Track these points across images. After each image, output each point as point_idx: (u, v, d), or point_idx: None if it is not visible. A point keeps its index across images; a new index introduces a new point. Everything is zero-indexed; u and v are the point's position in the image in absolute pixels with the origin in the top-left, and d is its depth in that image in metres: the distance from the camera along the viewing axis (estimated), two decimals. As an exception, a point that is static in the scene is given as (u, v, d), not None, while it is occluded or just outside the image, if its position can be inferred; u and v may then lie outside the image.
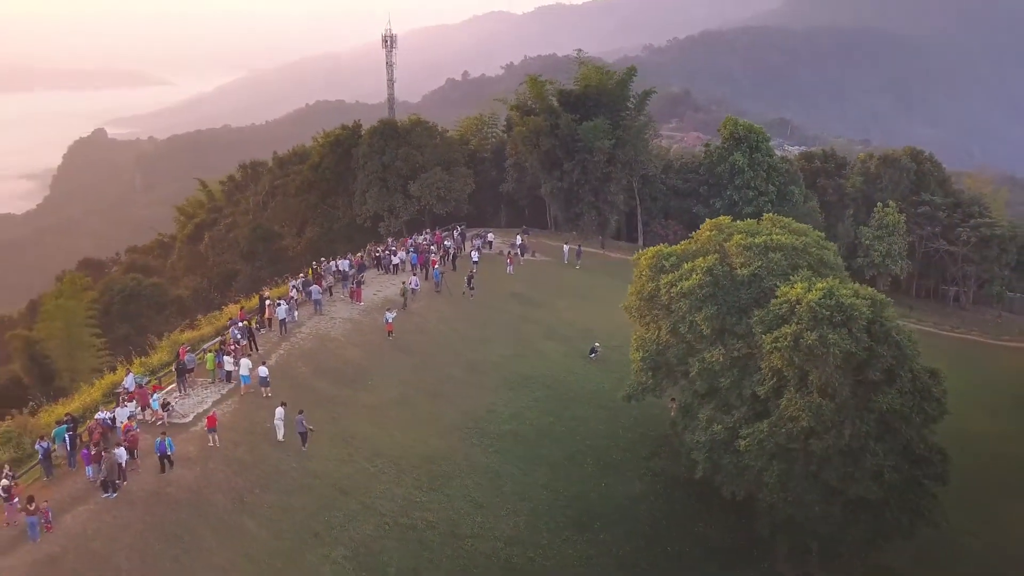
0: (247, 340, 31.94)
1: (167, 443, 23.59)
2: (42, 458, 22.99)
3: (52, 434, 23.89)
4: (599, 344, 40.32)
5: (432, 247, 48.70)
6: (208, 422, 25.61)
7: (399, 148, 60.73)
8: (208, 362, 29.73)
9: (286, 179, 72.49)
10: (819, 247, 28.94)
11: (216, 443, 25.46)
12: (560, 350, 40.68)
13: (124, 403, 26.01)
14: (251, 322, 33.67)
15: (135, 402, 26.36)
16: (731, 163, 60.71)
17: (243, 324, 32.64)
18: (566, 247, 54.77)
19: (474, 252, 48.92)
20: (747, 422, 25.70)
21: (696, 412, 27.93)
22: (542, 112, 61.79)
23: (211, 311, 43.46)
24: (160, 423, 25.96)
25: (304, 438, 26.94)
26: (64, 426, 23.97)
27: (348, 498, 25.83)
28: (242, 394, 28.89)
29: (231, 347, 30.27)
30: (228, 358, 29.63)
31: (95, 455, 22.72)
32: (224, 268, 72.92)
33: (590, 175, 60.64)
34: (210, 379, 29.68)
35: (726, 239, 29.05)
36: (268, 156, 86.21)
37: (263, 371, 29.05)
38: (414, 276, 42.95)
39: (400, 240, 52.23)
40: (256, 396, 28.85)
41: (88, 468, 22.90)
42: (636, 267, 30.66)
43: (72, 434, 23.84)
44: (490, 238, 54.98)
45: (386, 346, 36.10)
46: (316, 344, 34.51)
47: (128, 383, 27.65)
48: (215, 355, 29.76)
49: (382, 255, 46.81)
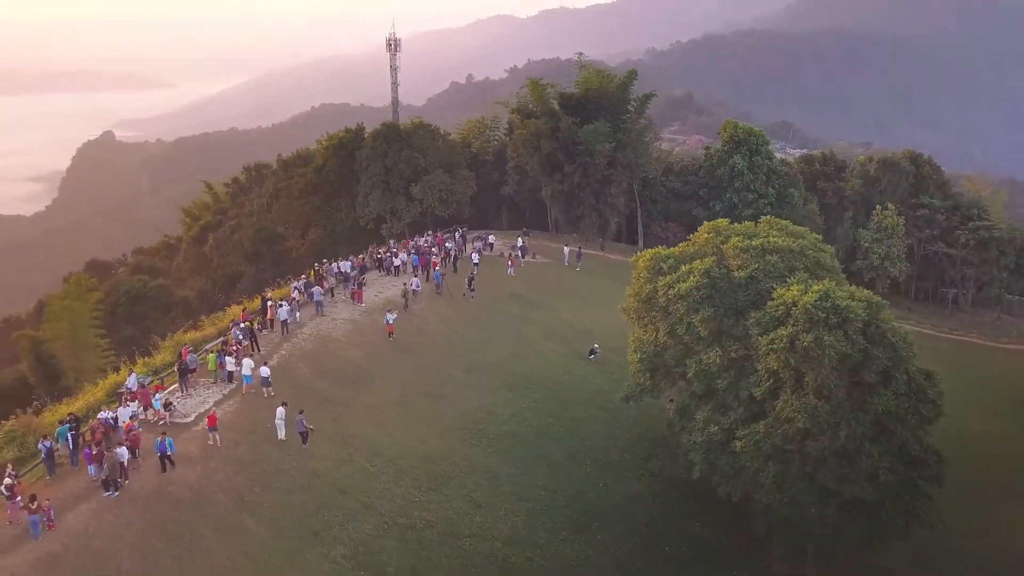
0: (249, 341, 32.18)
1: (167, 443, 23.74)
2: (45, 457, 23.11)
3: (55, 433, 24.03)
4: (598, 345, 40.49)
5: (433, 249, 48.93)
6: (208, 421, 25.80)
7: (401, 151, 60.99)
8: (210, 362, 29.93)
9: (290, 181, 72.77)
10: (816, 249, 28.99)
11: (217, 442, 25.63)
12: (560, 351, 40.83)
13: (126, 403, 26.17)
14: (253, 323, 33.90)
15: (137, 402, 26.48)
16: (731, 166, 60.89)
17: (245, 325, 32.90)
18: (566, 249, 54.96)
19: (475, 254, 49.17)
20: (743, 423, 25.74)
21: (693, 413, 27.98)
22: (543, 115, 62.05)
23: (215, 312, 43.70)
24: (162, 423, 26.16)
25: (304, 437, 27.12)
26: (67, 425, 24.09)
27: (348, 497, 25.90)
28: (244, 394, 29.14)
29: (233, 348, 30.52)
30: (230, 358, 29.85)
31: (97, 454, 22.83)
32: (228, 270, 73.07)
33: (591, 178, 60.83)
34: (212, 379, 29.84)
35: (724, 241, 29.14)
36: (274, 158, 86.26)
37: (265, 371, 29.28)
38: (415, 278, 43.11)
39: (402, 242, 52.45)
40: (257, 396, 29.05)
41: (90, 467, 22.99)
42: (634, 269, 30.76)
43: (75, 433, 23.95)
44: (491, 240, 55.20)
45: (387, 347, 36.25)
46: (317, 345, 34.67)
47: (131, 383, 27.80)
48: (217, 356, 29.95)
49: (383, 257, 47.05)
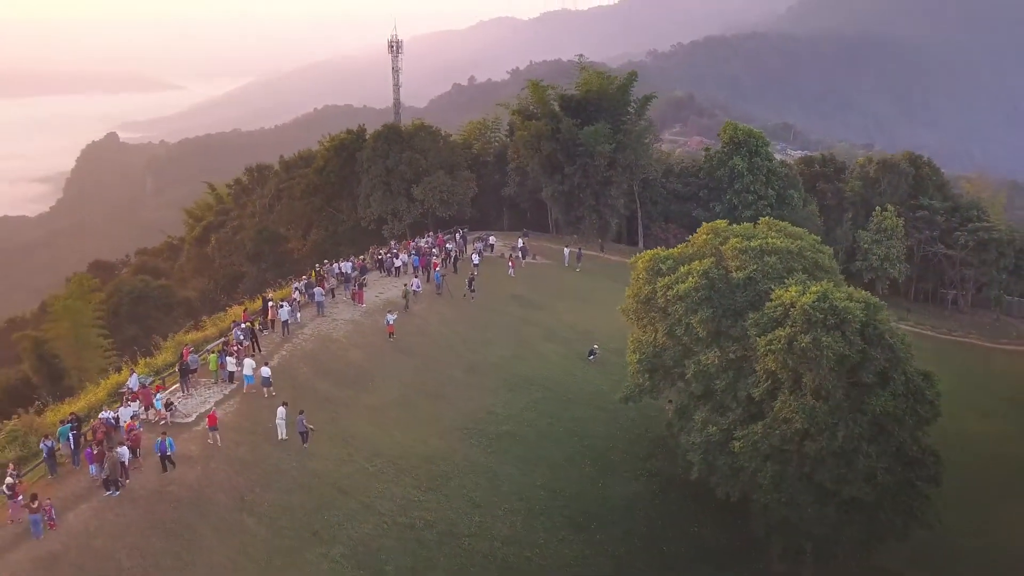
0: (250, 341, 32.32)
1: (167, 443, 23.82)
2: (46, 456, 23.20)
3: (56, 433, 24.12)
4: (598, 346, 40.60)
5: (434, 250, 49.06)
6: (209, 421, 25.92)
7: (403, 152, 61.09)
8: (211, 363, 30.06)
9: (292, 182, 72.82)
10: (814, 251, 29.08)
11: (217, 442, 25.74)
12: (560, 352, 40.94)
13: (128, 403, 26.27)
14: (254, 323, 34.05)
15: (139, 402, 26.56)
16: (731, 167, 61.03)
17: (246, 325, 33.06)
18: (566, 250, 55.10)
19: (475, 255, 49.30)
20: (742, 424, 25.86)
21: (692, 414, 28.10)
22: (544, 117, 62.14)
23: (217, 312, 43.86)
24: (163, 423, 26.28)
25: (304, 437, 27.23)
26: (68, 425, 24.18)
27: (347, 497, 25.98)
28: (245, 393, 29.28)
29: (234, 348, 30.67)
30: (231, 359, 30.00)
31: (98, 454, 22.92)
32: (230, 270, 73.25)
33: (591, 179, 60.90)
34: (213, 379, 29.96)
35: (722, 243, 29.24)
36: (277, 159, 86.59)
37: (266, 371, 29.41)
38: (416, 278, 43.23)
39: (403, 243, 52.59)
40: (258, 396, 29.19)
41: (91, 466, 23.07)
42: (633, 270, 30.85)
43: (76, 433, 24.03)
44: (492, 241, 55.34)
45: (387, 347, 36.35)
46: (318, 345, 34.77)
47: (132, 383, 27.92)
48: (218, 356, 30.06)
49: (384, 258, 47.18)
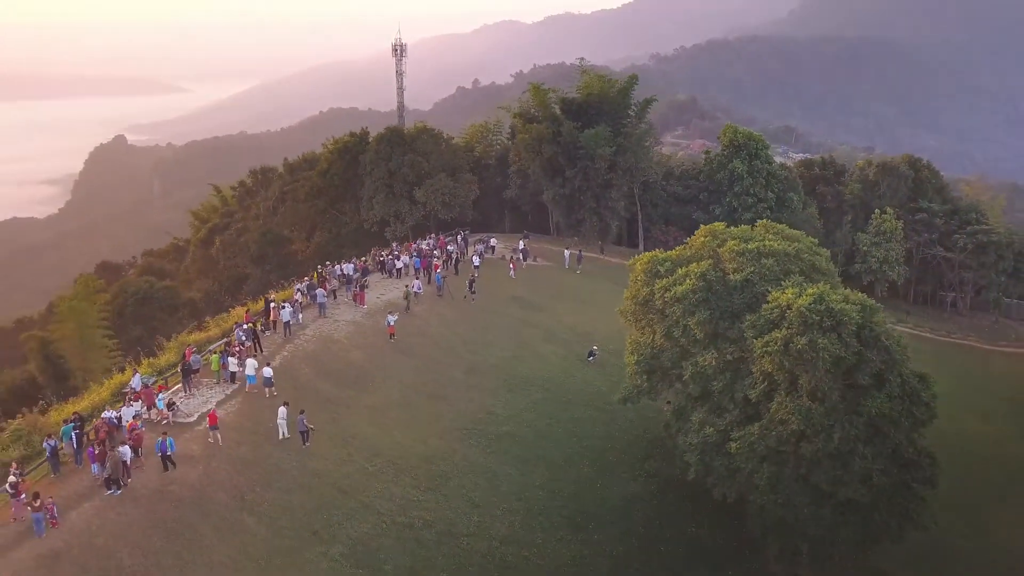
0: (252, 342, 32.62)
1: (168, 443, 24.03)
2: (49, 456, 23.46)
3: (59, 432, 24.40)
4: (597, 347, 40.75)
5: (435, 252, 49.33)
6: (209, 420, 26.16)
7: (405, 155, 61.38)
8: (213, 363, 30.36)
9: (296, 185, 73.20)
10: (811, 253, 29.18)
11: (218, 441, 25.99)
12: (559, 353, 41.09)
13: (130, 402, 26.54)
14: (256, 324, 34.35)
15: (141, 402, 26.85)
16: (730, 170, 61.12)
17: (248, 326, 33.37)
18: (567, 252, 55.32)
19: (475, 257, 49.56)
20: (738, 425, 25.94)
21: (689, 415, 28.19)
22: (545, 120, 62.38)
23: (221, 313, 44.17)
24: (165, 422, 26.55)
25: (305, 437, 27.49)
26: (71, 424, 24.42)
27: (347, 497, 26.16)
28: (247, 393, 29.55)
29: (236, 348, 30.99)
30: (233, 359, 30.32)
31: (100, 453, 23.14)
32: (235, 271, 73.59)
33: (591, 182, 61.08)
34: (215, 380, 30.25)
35: (720, 245, 29.38)
36: (282, 162, 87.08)
37: (267, 372, 29.71)
38: (417, 280, 43.52)
39: (404, 244, 52.87)
40: (259, 396, 29.46)
41: (93, 466, 23.32)
42: (631, 272, 31.03)
43: (79, 432, 24.26)
44: (493, 243, 55.59)
45: (388, 348, 36.58)
46: (319, 346, 35.00)
47: (135, 383, 28.25)
48: (220, 356, 30.36)
49: (386, 259, 47.47)
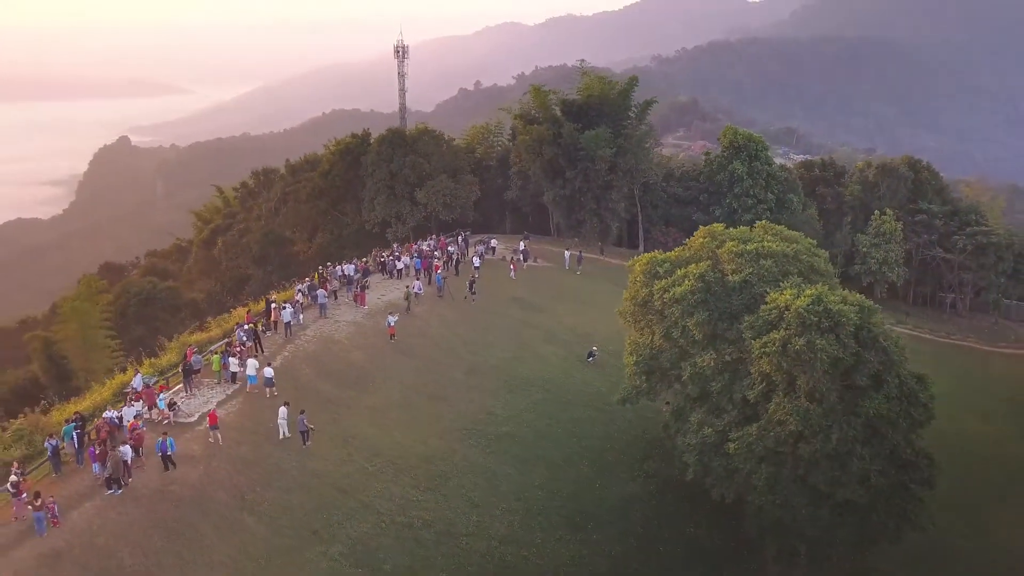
0: (253, 342, 32.75)
1: (168, 443, 24.12)
2: (51, 455, 23.54)
3: (61, 432, 24.51)
4: (597, 348, 40.85)
5: (436, 252, 49.46)
6: (209, 420, 26.27)
7: (406, 156, 61.51)
8: (214, 363, 30.47)
9: (297, 186, 73.38)
10: (810, 254, 29.25)
11: (219, 440, 26.11)
12: (559, 354, 41.18)
13: (131, 402, 26.65)
14: (257, 325, 34.47)
15: (142, 401, 26.95)
16: (730, 171, 61.22)
17: (249, 327, 33.50)
18: (567, 253, 55.46)
19: (476, 258, 49.70)
20: (737, 426, 26.02)
21: (688, 415, 28.29)
22: (545, 121, 62.51)
23: (222, 314, 44.32)
24: (166, 422, 26.66)
25: (305, 437, 27.61)
26: (72, 424, 24.54)
27: (347, 497, 26.27)
28: (247, 393, 29.69)
29: (237, 349, 31.13)
30: (234, 359, 30.45)
31: (100, 453, 23.23)
32: (237, 272, 73.72)
33: (592, 183, 61.19)
34: (216, 380, 30.38)
35: (719, 246, 29.48)
36: (284, 163, 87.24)
37: (268, 372, 29.84)
38: (417, 281, 43.68)
39: (406, 245, 53.03)
40: (260, 396, 29.59)
41: (94, 465, 23.41)
42: (631, 273, 31.13)
43: (80, 432, 24.35)
44: (493, 244, 55.74)
45: (388, 349, 36.69)
46: (320, 347, 35.11)
47: (136, 383, 28.37)
48: (221, 357, 30.49)
49: (386, 260, 47.62)
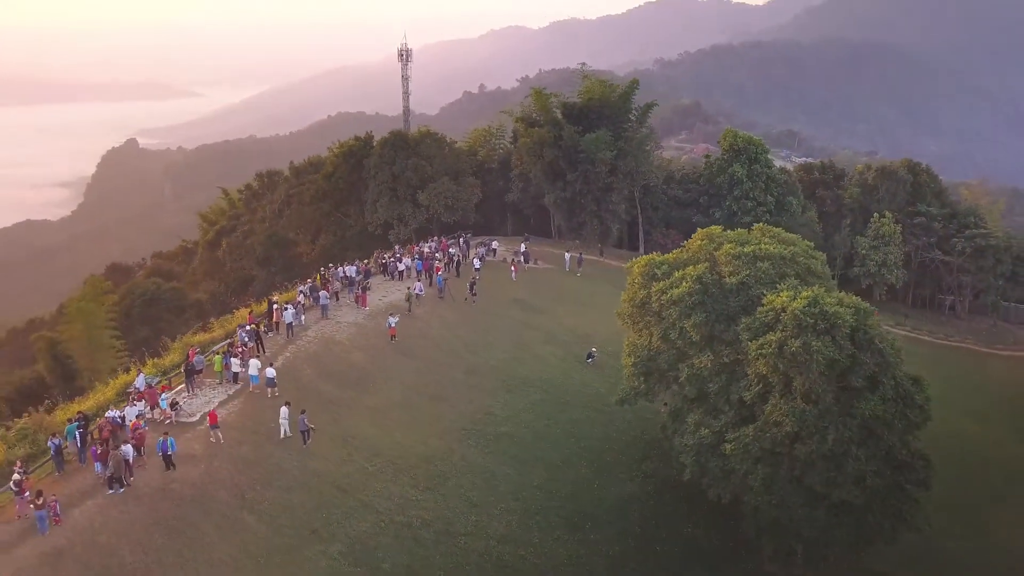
0: (255, 343, 33.00)
1: (169, 443, 24.33)
2: (54, 454, 23.78)
3: (64, 431, 24.74)
4: (596, 349, 41.03)
5: (437, 254, 49.71)
6: (210, 419, 26.50)
7: (409, 159, 61.76)
8: (216, 364, 30.70)
9: (301, 188, 73.65)
10: (807, 256, 29.39)
11: (219, 439, 26.35)
12: (559, 355, 41.37)
13: (134, 402, 26.91)
14: (259, 326, 34.72)
15: (144, 401, 27.21)
16: (730, 174, 61.30)
17: (251, 328, 33.76)
18: (567, 255, 55.67)
19: (476, 259, 49.96)
20: (734, 427, 26.18)
21: (685, 416, 28.48)
22: (546, 124, 62.75)
23: (226, 315, 44.62)
24: (168, 422, 26.90)
25: (306, 436, 27.85)
26: (75, 424, 24.75)
27: (346, 496, 26.46)
28: (250, 392, 29.97)
29: (239, 350, 31.39)
30: (235, 360, 30.71)
31: (102, 452, 23.43)
32: (241, 273, 74.10)
33: (592, 185, 61.36)
34: (218, 380, 30.62)
35: (716, 248, 29.66)
36: (288, 166, 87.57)
37: (270, 372, 30.09)
38: (418, 282, 43.95)
39: (407, 247, 53.31)
40: (261, 396, 29.85)
41: (96, 464, 23.60)
42: (629, 275, 31.31)
43: (83, 431, 24.58)
44: (494, 246, 55.99)
45: (389, 350, 36.91)
46: (321, 347, 35.34)
47: (139, 383, 28.62)
48: (223, 357, 30.73)
49: (388, 261, 47.91)
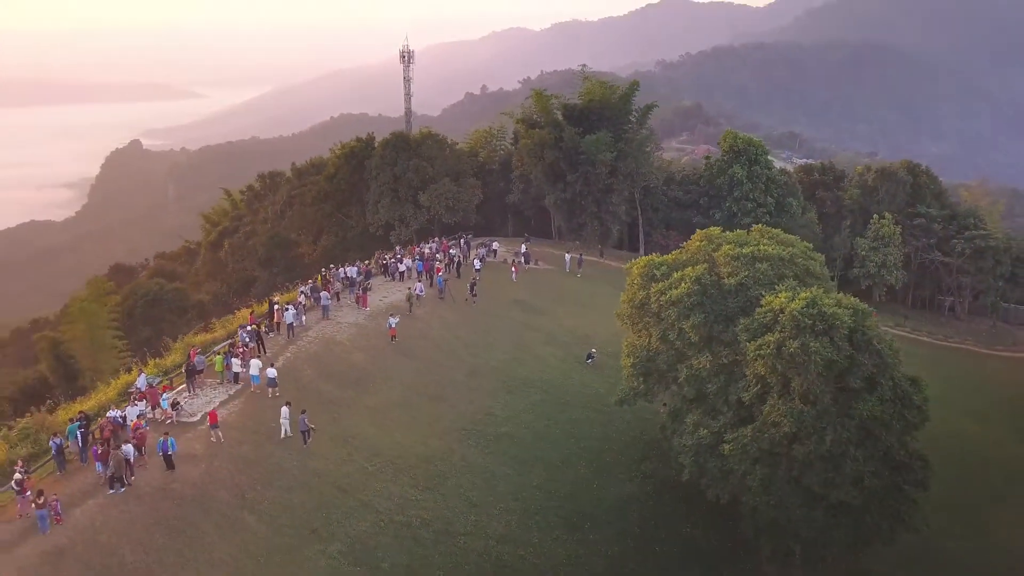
0: (255, 343, 33.14)
1: (170, 442, 24.47)
2: (55, 454, 23.95)
3: (65, 431, 24.88)
4: (596, 350, 41.10)
5: (437, 255, 49.84)
6: (210, 419, 26.65)
7: (410, 160, 61.89)
8: (217, 364, 30.87)
9: (303, 189, 73.83)
10: (805, 257, 29.38)
11: (220, 439, 26.48)
12: (559, 356, 41.43)
13: (135, 402, 27.06)
14: (260, 326, 34.87)
15: (145, 401, 27.36)
16: (730, 175, 61.29)
17: (252, 328, 33.91)
18: (568, 256, 55.75)
19: (477, 260, 50.07)
20: (732, 427, 26.20)
21: (684, 417, 28.53)
22: (547, 125, 62.84)
23: (228, 315, 44.76)
24: (169, 421, 27.03)
25: (306, 436, 27.98)
26: (77, 423, 24.91)
27: (346, 496, 26.57)
28: (251, 392, 30.11)
29: (239, 350, 31.53)
30: (236, 360, 30.86)
31: (103, 452, 23.55)
32: (243, 274, 74.35)
33: (592, 187, 61.42)
34: (219, 380, 30.79)
35: (715, 249, 29.67)
36: (290, 167, 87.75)
37: (271, 372, 30.26)
38: (419, 283, 44.07)
39: (408, 248, 53.44)
40: (262, 396, 30.00)
41: (97, 464, 23.73)
42: (628, 276, 31.37)
43: (84, 431, 24.74)
44: (495, 247, 56.11)
45: (389, 350, 37.03)
46: (322, 348, 35.48)
47: (140, 383, 28.80)
48: (224, 357, 30.89)
49: (389, 262, 48.04)
